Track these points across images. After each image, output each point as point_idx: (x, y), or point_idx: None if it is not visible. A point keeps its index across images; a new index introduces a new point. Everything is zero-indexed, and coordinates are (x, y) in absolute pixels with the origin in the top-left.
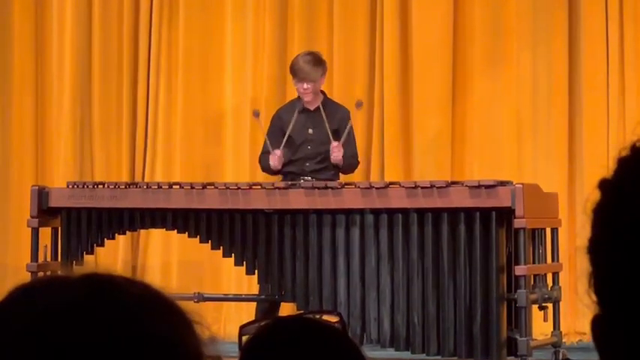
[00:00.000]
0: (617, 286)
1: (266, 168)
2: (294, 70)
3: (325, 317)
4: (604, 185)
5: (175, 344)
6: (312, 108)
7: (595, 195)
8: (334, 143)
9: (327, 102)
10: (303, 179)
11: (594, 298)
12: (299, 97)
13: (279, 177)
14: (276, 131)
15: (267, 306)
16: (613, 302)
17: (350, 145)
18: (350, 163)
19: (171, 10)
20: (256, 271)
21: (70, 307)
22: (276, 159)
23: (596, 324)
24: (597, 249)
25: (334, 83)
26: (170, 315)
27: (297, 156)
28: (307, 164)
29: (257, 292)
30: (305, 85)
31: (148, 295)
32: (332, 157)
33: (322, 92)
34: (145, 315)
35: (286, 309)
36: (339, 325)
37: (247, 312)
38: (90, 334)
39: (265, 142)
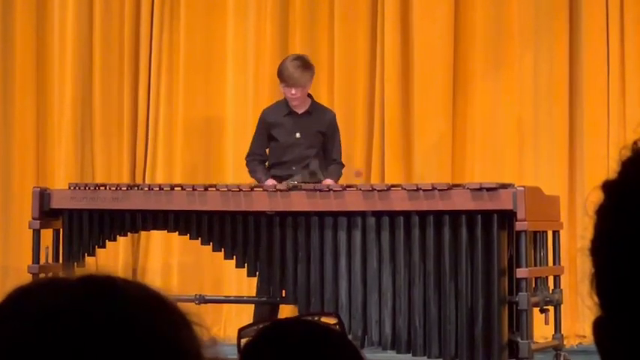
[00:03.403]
0: (619, 288)
1: (255, 177)
2: (284, 76)
3: (324, 319)
4: (607, 187)
5: (174, 345)
6: (299, 112)
7: (595, 196)
8: (328, 182)
9: (315, 105)
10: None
11: (596, 299)
12: (285, 99)
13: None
14: (262, 133)
15: (265, 311)
16: (615, 304)
17: (336, 149)
18: (339, 173)
19: (172, 12)
20: (257, 274)
21: (69, 308)
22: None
23: (598, 326)
24: (600, 250)
25: (335, 86)
26: (169, 316)
27: (283, 159)
28: (294, 168)
29: (261, 295)
30: (293, 91)
31: (147, 297)
32: None
33: (309, 95)
34: (143, 316)
35: (286, 312)
36: (338, 327)
37: (248, 314)
38: (88, 335)
39: (252, 143)
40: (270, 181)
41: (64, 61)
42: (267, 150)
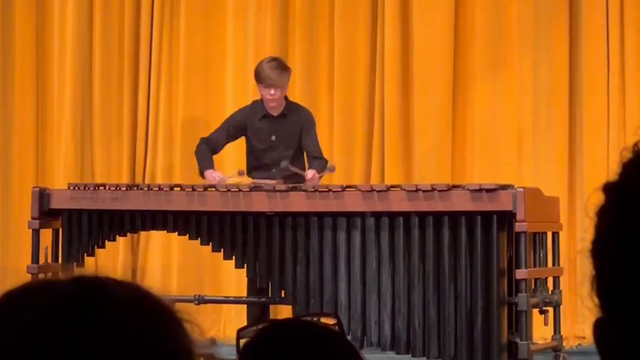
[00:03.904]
0: (619, 289)
1: (199, 160)
2: (261, 77)
3: (323, 320)
4: (608, 188)
5: (167, 345)
6: (275, 114)
7: (596, 197)
8: (309, 174)
9: (289, 107)
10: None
11: (597, 301)
12: (261, 100)
13: (250, 180)
14: (231, 127)
15: (256, 311)
16: (615, 305)
17: (315, 145)
18: (323, 166)
19: (172, 13)
20: (247, 274)
21: (61, 309)
22: (216, 180)
23: (599, 327)
24: (600, 252)
25: (335, 86)
26: (159, 315)
27: (262, 162)
28: (273, 170)
29: (256, 295)
30: (272, 91)
31: (138, 296)
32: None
33: (284, 97)
34: (132, 316)
35: (283, 313)
36: (337, 328)
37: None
38: (81, 336)
39: (215, 133)
40: (217, 174)
41: (64, 61)
42: (223, 146)
